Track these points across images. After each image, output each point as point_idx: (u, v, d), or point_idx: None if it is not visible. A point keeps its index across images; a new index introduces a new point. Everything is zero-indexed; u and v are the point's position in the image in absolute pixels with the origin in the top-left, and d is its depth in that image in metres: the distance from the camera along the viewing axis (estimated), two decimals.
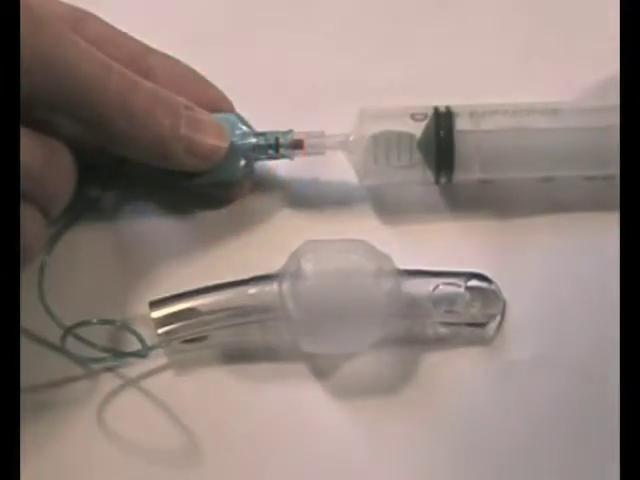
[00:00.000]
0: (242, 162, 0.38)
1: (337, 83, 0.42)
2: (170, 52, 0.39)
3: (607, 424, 0.35)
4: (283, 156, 0.38)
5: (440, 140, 0.37)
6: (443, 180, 0.38)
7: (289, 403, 0.36)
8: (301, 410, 0.36)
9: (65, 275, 0.38)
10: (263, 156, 0.38)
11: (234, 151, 0.38)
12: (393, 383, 0.37)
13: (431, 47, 0.43)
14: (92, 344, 0.35)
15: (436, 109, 0.38)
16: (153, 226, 0.39)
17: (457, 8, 0.44)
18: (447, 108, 0.38)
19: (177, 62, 0.39)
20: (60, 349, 0.35)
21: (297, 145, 0.38)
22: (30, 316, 0.35)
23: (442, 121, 0.38)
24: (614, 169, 0.36)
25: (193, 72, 0.39)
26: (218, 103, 0.38)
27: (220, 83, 0.40)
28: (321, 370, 0.37)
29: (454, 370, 0.37)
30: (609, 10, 0.40)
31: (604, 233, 0.38)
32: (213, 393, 0.37)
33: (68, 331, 0.35)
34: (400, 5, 0.44)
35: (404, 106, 0.38)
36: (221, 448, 0.36)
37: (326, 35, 0.43)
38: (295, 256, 0.36)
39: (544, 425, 0.36)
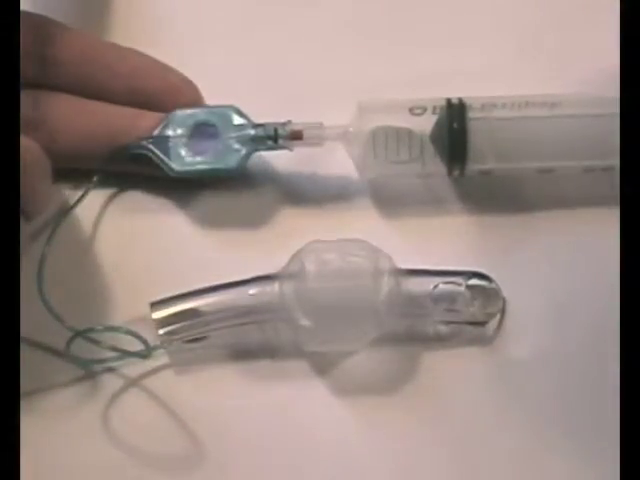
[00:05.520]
0: (241, 152, 0.38)
1: (336, 78, 0.41)
2: (171, 48, 0.40)
3: (607, 423, 0.35)
4: (282, 147, 0.38)
5: (453, 131, 0.37)
6: (456, 172, 0.38)
7: (290, 402, 0.37)
8: (302, 409, 0.37)
9: (65, 276, 0.38)
10: (262, 147, 0.38)
11: (232, 142, 0.38)
12: (394, 381, 0.37)
13: (430, 42, 0.42)
14: (96, 343, 0.35)
15: (448, 101, 0.38)
16: (152, 226, 0.39)
17: (456, 3, 0.43)
18: (459, 100, 0.38)
19: (133, 51, 0.39)
20: (63, 352, 0.35)
21: (296, 136, 0.38)
22: (31, 318, 0.35)
23: (455, 113, 0.37)
24: (613, 160, 0.36)
25: (151, 60, 0.39)
26: (181, 88, 0.39)
27: (220, 76, 0.40)
28: (322, 369, 0.37)
29: (454, 368, 0.37)
30: (608, 2, 0.40)
31: (605, 231, 0.37)
32: (214, 392, 0.37)
33: (74, 337, 0.35)
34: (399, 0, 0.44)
35: (403, 100, 0.38)
36: (223, 447, 0.36)
37: (325, 29, 0.43)
38: (297, 257, 0.36)
39: (544, 424, 0.36)
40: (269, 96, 0.40)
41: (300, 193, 0.40)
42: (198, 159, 0.38)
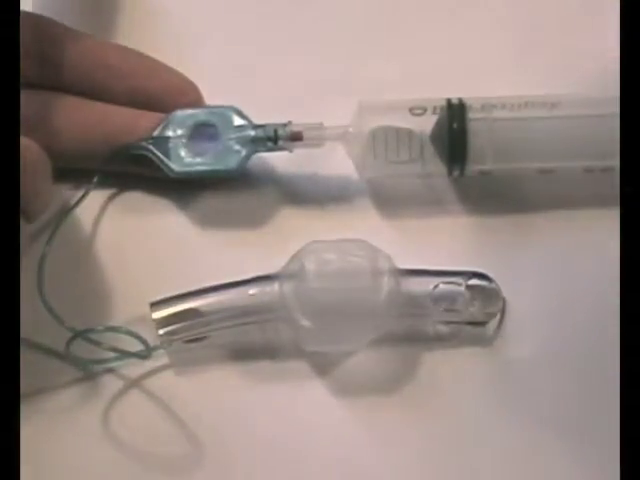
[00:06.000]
0: (241, 153, 0.38)
1: (336, 78, 0.41)
2: (171, 49, 0.40)
3: (607, 424, 0.35)
4: (282, 148, 0.38)
5: (453, 132, 0.37)
6: (456, 173, 0.38)
7: (290, 402, 0.37)
8: (302, 409, 0.37)
9: (65, 276, 0.38)
10: (262, 148, 0.38)
11: (232, 143, 0.38)
12: (394, 381, 0.37)
13: (430, 43, 0.42)
14: (96, 344, 0.35)
15: (449, 101, 0.38)
16: (153, 226, 0.39)
17: (456, 3, 0.43)
18: (460, 100, 0.38)
19: (133, 52, 0.40)
20: (62, 352, 0.35)
21: (296, 137, 0.38)
22: (31, 319, 0.35)
23: (455, 113, 0.37)
24: (613, 160, 0.36)
25: (151, 60, 0.40)
26: (181, 89, 0.39)
27: (220, 77, 0.40)
28: (322, 369, 0.37)
29: (454, 368, 0.37)
30: (608, 2, 0.40)
31: (605, 231, 0.38)
32: (214, 392, 0.37)
33: (74, 338, 0.35)
34: (400, 0, 0.44)
35: (403, 100, 0.38)
36: (223, 447, 0.36)
37: (325, 28, 0.43)
38: (298, 257, 0.36)
39: (544, 424, 0.36)
40: (269, 96, 0.40)
41: (300, 193, 0.40)
42: (198, 160, 0.38)
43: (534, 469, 0.35)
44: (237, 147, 0.38)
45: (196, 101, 0.39)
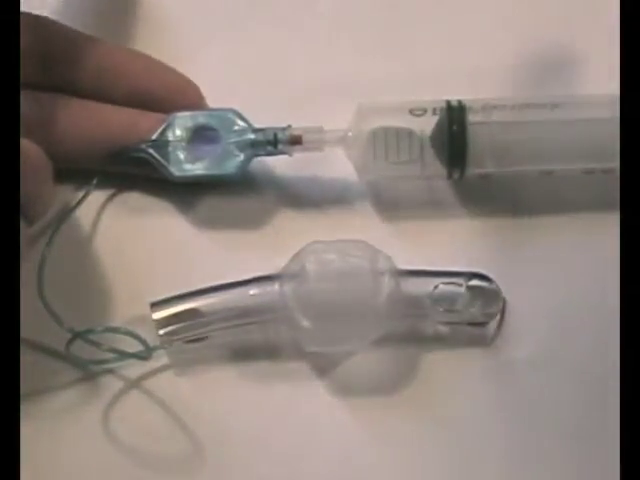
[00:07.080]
0: (240, 158, 0.38)
1: (335, 80, 0.41)
2: (171, 51, 0.40)
3: (607, 424, 0.35)
4: (282, 152, 0.38)
5: (453, 134, 0.37)
6: (456, 175, 0.38)
7: (291, 402, 0.37)
8: (303, 409, 0.37)
9: (65, 277, 0.38)
10: (262, 152, 0.38)
11: (232, 147, 0.38)
12: (394, 382, 0.37)
13: (430, 44, 0.42)
14: (96, 344, 0.35)
15: (448, 103, 0.38)
16: (153, 227, 0.39)
17: (456, 4, 0.43)
18: (459, 102, 0.38)
19: (135, 53, 0.40)
20: (62, 352, 0.35)
21: (295, 141, 0.38)
22: (31, 319, 0.35)
23: (454, 115, 0.37)
24: (614, 162, 0.36)
25: (153, 61, 0.40)
26: (183, 89, 0.39)
27: (219, 79, 0.40)
28: (323, 370, 0.37)
29: (454, 369, 0.37)
30: (608, 2, 0.40)
31: (605, 233, 0.37)
32: (215, 393, 0.37)
33: (74, 338, 0.35)
34: (399, 1, 0.44)
35: (403, 101, 0.38)
36: (223, 448, 0.36)
37: (324, 31, 0.43)
38: (298, 258, 0.36)
39: (544, 425, 0.36)
40: (269, 97, 0.40)
41: (300, 196, 0.40)
42: (197, 164, 0.38)
43: (533, 469, 0.36)
44: (236, 151, 0.38)
45: (197, 101, 0.39)
